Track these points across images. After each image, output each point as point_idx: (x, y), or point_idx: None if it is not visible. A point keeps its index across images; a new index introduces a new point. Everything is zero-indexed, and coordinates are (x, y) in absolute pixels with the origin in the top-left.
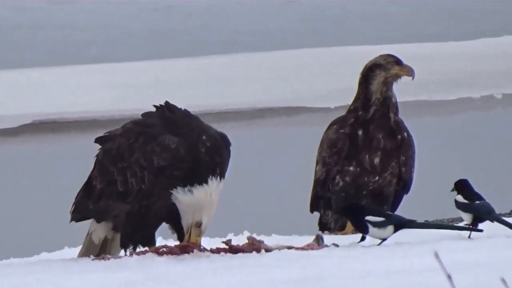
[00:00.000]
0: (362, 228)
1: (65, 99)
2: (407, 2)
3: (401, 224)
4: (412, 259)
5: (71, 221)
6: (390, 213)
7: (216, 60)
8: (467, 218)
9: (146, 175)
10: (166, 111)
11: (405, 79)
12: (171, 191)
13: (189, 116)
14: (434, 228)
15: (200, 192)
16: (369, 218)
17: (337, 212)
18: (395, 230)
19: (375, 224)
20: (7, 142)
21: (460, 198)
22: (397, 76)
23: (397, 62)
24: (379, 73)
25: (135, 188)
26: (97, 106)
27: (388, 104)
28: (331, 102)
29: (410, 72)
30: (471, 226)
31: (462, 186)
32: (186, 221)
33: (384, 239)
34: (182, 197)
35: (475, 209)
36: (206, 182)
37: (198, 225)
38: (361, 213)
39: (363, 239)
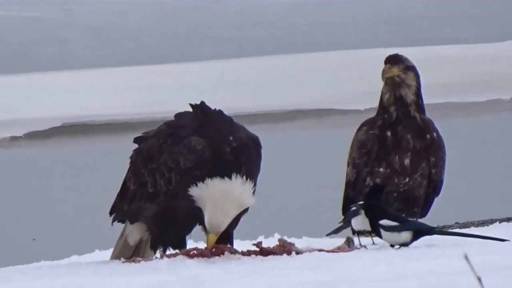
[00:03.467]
0: (376, 231)
1: (95, 102)
2: (439, 5)
3: (421, 230)
4: (442, 261)
5: (112, 222)
6: (409, 219)
7: (247, 63)
8: None
9: (173, 176)
10: (199, 112)
11: (431, 80)
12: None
13: (221, 116)
14: (457, 235)
15: (214, 187)
16: (382, 222)
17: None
18: (415, 237)
19: (388, 229)
20: (38, 145)
21: None
22: (390, 77)
23: (385, 62)
24: (382, 75)
25: (163, 189)
26: (127, 109)
27: (405, 104)
28: (361, 104)
29: (382, 75)
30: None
31: None
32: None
33: (403, 245)
34: (196, 192)
35: None
36: (230, 178)
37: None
38: (377, 215)
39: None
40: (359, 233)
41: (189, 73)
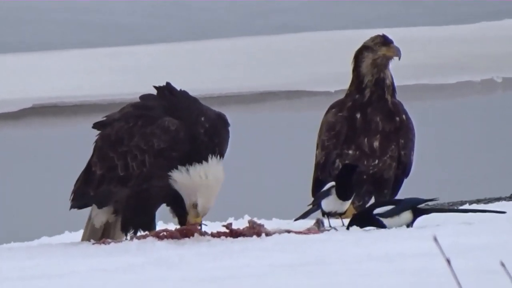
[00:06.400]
0: (379, 225)
1: (66, 83)
2: None
3: (417, 207)
4: (412, 243)
5: (71, 208)
6: (401, 199)
7: (217, 44)
8: None
9: (147, 158)
10: (166, 92)
11: (402, 61)
12: (169, 173)
13: (188, 97)
14: (454, 212)
15: (196, 173)
16: (377, 211)
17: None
18: (415, 215)
19: (386, 215)
20: (8, 126)
21: None
22: (385, 57)
23: (384, 42)
24: (367, 55)
25: (136, 172)
26: (97, 90)
27: (382, 86)
28: (331, 86)
29: (396, 52)
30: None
31: None
32: (186, 202)
33: (408, 225)
34: (177, 177)
35: None
36: (206, 161)
37: (195, 206)
38: (369, 212)
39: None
40: (329, 214)
41: (160, 55)
